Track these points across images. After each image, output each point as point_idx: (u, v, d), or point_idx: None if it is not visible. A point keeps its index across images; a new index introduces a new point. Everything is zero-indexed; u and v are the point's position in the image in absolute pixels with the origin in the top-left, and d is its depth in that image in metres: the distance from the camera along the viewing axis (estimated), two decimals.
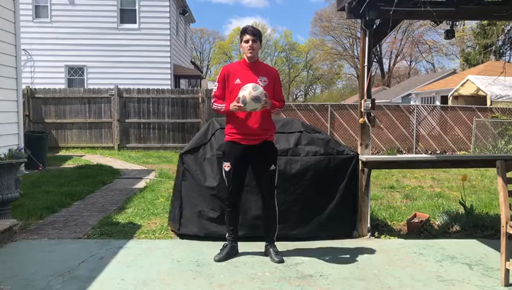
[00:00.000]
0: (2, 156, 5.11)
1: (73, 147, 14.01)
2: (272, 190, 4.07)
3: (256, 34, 3.97)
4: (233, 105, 3.84)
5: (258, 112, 3.92)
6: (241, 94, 3.76)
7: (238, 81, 3.93)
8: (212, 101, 4.07)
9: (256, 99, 3.74)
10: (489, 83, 15.77)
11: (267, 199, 4.08)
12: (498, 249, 3.67)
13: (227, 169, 4.02)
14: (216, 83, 4.10)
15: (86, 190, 7.28)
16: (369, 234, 4.81)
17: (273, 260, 4.01)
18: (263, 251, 4.20)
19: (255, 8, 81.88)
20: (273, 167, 4.05)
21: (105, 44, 17.55)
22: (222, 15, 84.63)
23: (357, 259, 4.11)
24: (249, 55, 3.96)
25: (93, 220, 5.40)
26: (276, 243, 4.18)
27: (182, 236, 4.69)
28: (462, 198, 5.62)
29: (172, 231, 4.86)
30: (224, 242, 4.18)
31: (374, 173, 6.75)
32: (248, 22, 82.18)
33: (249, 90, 3.74)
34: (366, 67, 4.76)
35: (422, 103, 23.18)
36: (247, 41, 3.94)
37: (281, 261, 3.98)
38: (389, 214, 5.80)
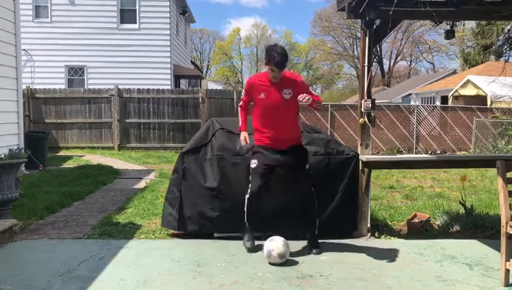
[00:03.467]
0: (2, 156, 5.11)
1: (74, 147, 14.02)
2: (310, 187, 4.21)
3: (282, 65, 3.98)
4: (242, 140, 4.23)
5: (287, 122, 4.13)
6: (269, 246, 3.90)
7: (262, 95, 4.11)
8: (240, 104, 4.37)
9: (282, 256, 3.90)
10: (490, 82, 15.76)
11: (307, 197, 4.21)
12: (498, 249, 3.66)
13: (253, 166, 4.15)
14: (244, 91, 4.34)
15: (86, 190, 7.28)
16: (369, 234, 4.81)
17: (312, 252, 4.21)
18: (263, 250, 4.21)
19: (254, 7, 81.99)
20: (307, 166, 4.21)
21: (106, 44, 17.56)
22: (221, 15, 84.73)
23: (357, 259, 4.11)
24: (274, 80, 4.08)
25: (94, 220, 5.40)
26: None
27: (182, 236, 4.69)
28: (462, 198, 5.62)
29: (172, 232, 4.84)
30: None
31: (374, 173, 6.75)
32: (247, 22, 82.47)
33: (277, 245, 3.90)
34: (366, 67, 4.76)
35: (422, 103, 23.17)
36: (273, 71, 4.00)
37: (319, 253, 4.19)
38: (389, 214, 5.80)
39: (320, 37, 49.00)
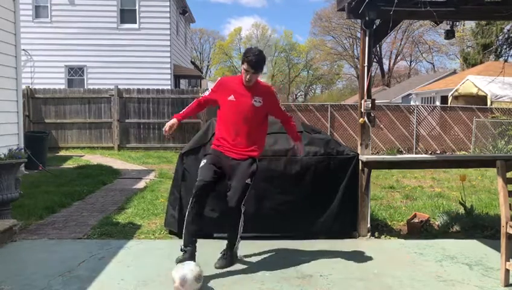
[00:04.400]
0: (2, 156, 5.11)
1: (73, 147, 14.01)
2: (239, 203, 3.79)
3: (255, 67, 3.74)
4: (167, 125, 3.97)
5: (250, 131, 3.83)
6: (181, 272, 3.32)
7: (232, 98, 3.84)
8: (199, 98, 4.10)
9: (198, 278, 3.37)
10: (489, 82, 15.76)
11: (233, 212, 3.82)
12: (498, 249, 3.67)
13: (202, 164, 3.89)
14: (209, 90, 4.07)
15: (86, 190, 7.28)
16: (369, 234, 4.81)
17: (216, 266, 3.86)
18: (263, 250, 4.21)
19: (254, 7, 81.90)
20: (248, 180, 3.81)
21: (105, 44, 17.54)
22: (220, 15, 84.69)
23: (357, 259, 4.11)
24: (245, 83, 3.83)
25: (93, 220, 5.39)
26: (276, 241, 4.17)
27: (182, 236, 4.68)
28: (462, 198, 5.62)
29: (171, 232, 4.84)
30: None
31: (374, 173, 6.75)
32: (247, 21, 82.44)
33: (190, 268, 3.36)
34: (366, 67, 4.76)
35: (422, 103, 23.17)
36: (246, 71, 3.76)
37: (220, 267, 3.84)
38: (389, 214, 5.80)
39: (320, 37, 49.07)
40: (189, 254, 3.76)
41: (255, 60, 3.74)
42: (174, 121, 4.01)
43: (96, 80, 17.16)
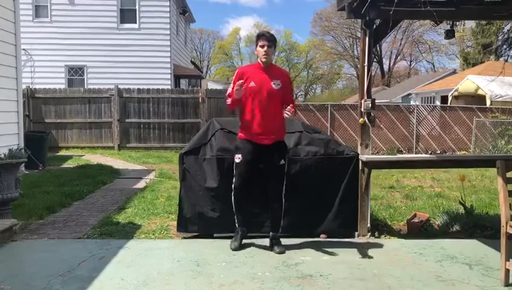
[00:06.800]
0: (2, 156, 5.11)
1: (73, 147, 14.01)
2: (281, 183, 4.22)
3: (271, 40, 4.14)
4: (236, 88, 4.04)
5: (274, 112, 4.11)
6: None
7: (252, 84, 4.11)
8: (228, 93, 4.27)
9: None
10: (489, 82, 15.75)
11: (275, 192, 4.21)
12: (498, 249, 3.66)
13: (237, 161, 4.19)
14: (231, 84, 4.23)
15: (86, 189, 7.27)
16: (369, 234, 4.80)
17: (274, 250, 4.17)
18: (263, 250, 4.21)
19: (253, 7, 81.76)
20: (282, 161, 4.18)
21: (105, 44, 17.53)
22: (219, 14, 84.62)
23: (357, 259, 4.11)
24: (263, 60, 4.15)
25: (93, 220, 5.40)
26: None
27: (182, 236, 4.69)
28: (462, 198, 5.62)
29: (172, 232, 4.85)
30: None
31: (374, 173, 6.74)
32: (246, 21, 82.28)
33: None
34: (366, 67, 4.75)
35: (422, 102, 23.17)
36: (262, 46, 4.13)
37: (282, 252, 4.14)
38: (389, 214, 5.80)
39: (320, 37, 49.03)
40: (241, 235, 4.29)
41: (269, 34, 4.19)
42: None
43: (97, 80, 17.15)
